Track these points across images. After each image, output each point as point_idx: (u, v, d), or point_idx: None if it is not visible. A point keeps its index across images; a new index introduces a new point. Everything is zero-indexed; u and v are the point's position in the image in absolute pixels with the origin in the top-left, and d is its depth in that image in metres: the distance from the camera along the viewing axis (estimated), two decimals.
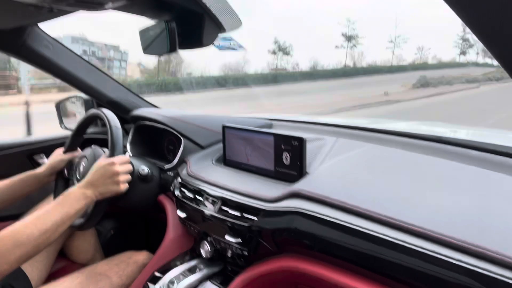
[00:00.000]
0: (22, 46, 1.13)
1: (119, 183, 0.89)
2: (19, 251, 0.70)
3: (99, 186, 0.86)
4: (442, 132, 1.07)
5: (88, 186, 0.85)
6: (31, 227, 0.73)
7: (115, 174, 0.88)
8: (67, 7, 0.75)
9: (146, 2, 0.76)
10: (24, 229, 0.72)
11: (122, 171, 0.90)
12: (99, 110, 1.04)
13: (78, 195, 0.83)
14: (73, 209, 0.80)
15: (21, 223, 0.74)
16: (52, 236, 0.76)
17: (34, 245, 0.72)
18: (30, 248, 0.72)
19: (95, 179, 0.86)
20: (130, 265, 1.00)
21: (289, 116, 1.42)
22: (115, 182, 0.88)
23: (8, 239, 0.70)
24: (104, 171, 0.87)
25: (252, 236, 0.78)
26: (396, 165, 0.82)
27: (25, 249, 0.71)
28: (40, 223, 0.74)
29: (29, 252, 0.72)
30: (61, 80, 1.32)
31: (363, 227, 0.62)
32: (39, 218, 0.76)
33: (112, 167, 0.88)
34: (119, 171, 0.88)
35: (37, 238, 0.73)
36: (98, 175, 0.87)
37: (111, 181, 0.88)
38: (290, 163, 0.85)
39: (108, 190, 0.88)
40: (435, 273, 0.53)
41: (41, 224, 0.74)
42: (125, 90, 1.45)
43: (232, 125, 1.00)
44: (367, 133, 1.07)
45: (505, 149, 0.81)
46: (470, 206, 0.61)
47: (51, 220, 0.76)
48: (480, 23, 0.30)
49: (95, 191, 0.86)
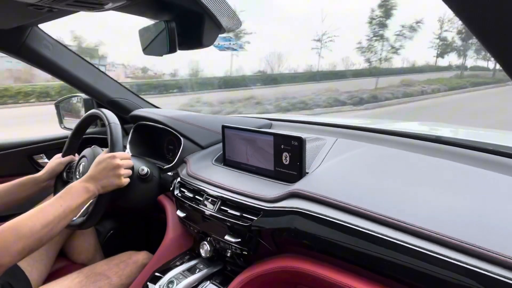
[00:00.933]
0: (22, 46, 1.13)
1: (121, 176, 0.89)
2: (21, 243, 0.70)
3: (101, 179, 0.86)
4: (442, 132, 1.08)
5: (89, 180, 0.85)
6: (33, 220, 0.73)
7: (117, 167, 0.88)
8: (67, 7, 0.75)
9: (146, 2, 0.76)
10: (27, 221, 0.72)
11: (123, 164, 0.90)
12: (98, 110, 1.04)
13: (80, 188, 0.83)
14: (75, 202, 0.80)
15: (24, 216, 0.74)
16: (54, 229, 0.76)
17: (36, 238, 0.72)
18: (32, 241, 0.72)
19: (97, 173, 0.86)
20: (129, 265, 1.00)
21: (289, 116, 1.42)
22: (117, 175, 0.88)
23: (10, 232, 0.70)
24: (105, 164, 0.87)
25: (251, 236, 0.78)
26: (396, 165, 0.82)
27: (27, 242, 0.71)
28: (42, 216, 0.75)
29: (31, 245, 0.72)
30: (61, 80, 1.32)
31: (363, 227, 0.62)
32: (41, 211, 0.76)
33: (113, 160, 0.88)
34: (120, 164, 0.89)
35: (39, 231, 0.73)
36: (99, 168, 0.87)
37: (113, 174, 0.88)
38: (289, 163, 0.85)
39: (110, 183, 0.88)
40: (435, 273, 0.53)
41: (43, 217, 0.74)
42: (125, 90, 1.45)
43: (231, 125, 1.00)
44: (366, 133, 1.07)
45: (505, 149, 0.81)
46: (470, 206, 0.62)
47: (53, 214, 0.76)
48: (479, 23, 0.30)
49: (97, 184, 0.85)
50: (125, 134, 1.32)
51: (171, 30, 0.79)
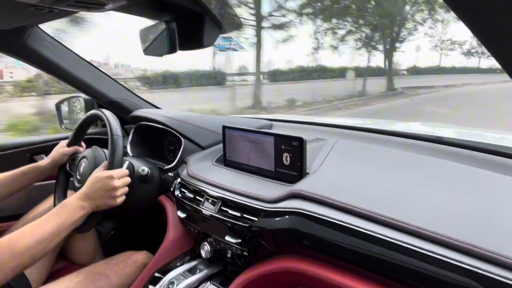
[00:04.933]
0: (23, 46, 1.14)
1: (116, 197, 0.89)
2: (15, 261, 0.70)
3: (96, 199, 0.86)
4: (442, 133, 1.07)
5: (85, 198, 0.85)
6: (28, 237, 0.73)
7: (113, 189, 0.87)
8: (67, 8, 0.75)
9: (146, 2, 0.76)
10: (22, 239, 0.72)
11: (120, 185, 0.90)
12: (100, 111, 1.03)
13: (75, 206, 0.83)
14: (69, 220, 0.80)
15: (18, 232, 0.74)
16: (48, 247, 0.76)
17: (31, 255, 0.72)
18: (26, 259, 0.72)
19: (93, 192, 0.86)
20: (129, 265, 1.00)
21: (289, 117, 1.42)
22: (112, 197, 0.88)
23: (5, 249, 0.70)
24: (102, 184, 0.87)
25: (252, 237, 0.78)
26: (397, 166, 0.82)
27: (21, 260, 0.71)
28: (37, 234, 0.74)
29: (25, 262, 0.72)
30: (61, 81, 1.32)
31: (364, 227, 0.62)
32: (36, 228, 0.76)
33: (110, 182, 0.87)
34: (117, 186, 0.88)
35: (33, 248, 0.73)
36: (96, 188, 0.86)
37: (108, 195, 0.87)
38: (290, 163, 0.85)
39: (104, 204, 0.88)
40: (435, 274, 0.53)
41: (38, 235, 0.74)
42: (126, 91, 1.46)
43: (232, 125, 1.00)
44: (367, 134, 1.07)
45: (506, 149, 0.81)
46: (470, 207, 0.61)
47: (48, 231, 0.76)
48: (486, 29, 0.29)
49: (92, 203, 0.86)
50: (125, 135, 1.31)
51: (172, 30, 0.79)
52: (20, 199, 1.34)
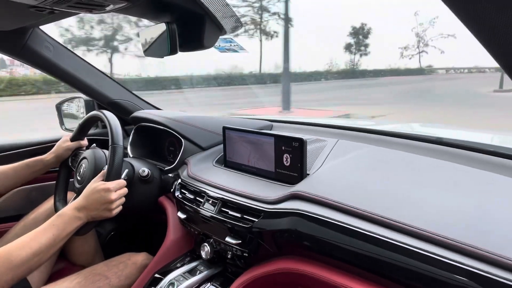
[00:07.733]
0: (24, 47, 1.14)
1: (112, 210, 0.89)
2: (11, 274, 0.70)
3: (92, 211, 0.86)
4: (443, 134, 1.07)
5: (81, 209, 0.85)
6: (26, 249, 0.73)
7: (109, 202, 0.87)
8: (68, 9, 0.75)
9: (147, 4, 0.76)
10: (19, 251, 0.72)
11: (117, 198, 0.89)
12: (104, 115, 1.01)
13: (71, 217, 0.83)
14: (65, 232, 0.81)
15: (16, 244, 0.74)
16: (43, 258, 0.76)
17: (27, 267, 0.73)
18: (22, 271, 0.72)
19: (89, 204, 0.86)
20: (129, 266, 1.00)
21: (290, 117, 1.42)
22: (108, 209, 0.88)
23: (2, 262, 0.70)
24: (99, 196, 0.87)
25: (252, 238, 0.78)
26: (397, 167, 0.82)
27: (18, 272, 0.71)
28: (34, 245, 0.75)
29: (21, 274, 0.72)
30: (62, 82, 1.32)
31: (364, 229, 0.62)
32: (33, 240, 0.76)
33: (107, 194, 0.87)
34: (113, 199, 0.88)
35: (30, 260, 0.73)
36: (92, 200, 0.86)
37: (104, 208, 0.87)
38: (290, 164, 0.85)
39: (99, 216, 0.88)
40: (435, 275, 0.52)
41: (35, 246, 0.75)
42: (126, 92, 1.46)
43: (232, 126, 1.00)
44: (368, 135, 1.07)
45: (506, 150, 0.81)
46: (471, 208, 0.61)
47: (45, 243, 0.76)
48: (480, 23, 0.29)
49: (87, 214, 0.86)
50: (125, 136, 1.32)
51: (172, 31, 0.79)
52: (20, 200, 1.34)
